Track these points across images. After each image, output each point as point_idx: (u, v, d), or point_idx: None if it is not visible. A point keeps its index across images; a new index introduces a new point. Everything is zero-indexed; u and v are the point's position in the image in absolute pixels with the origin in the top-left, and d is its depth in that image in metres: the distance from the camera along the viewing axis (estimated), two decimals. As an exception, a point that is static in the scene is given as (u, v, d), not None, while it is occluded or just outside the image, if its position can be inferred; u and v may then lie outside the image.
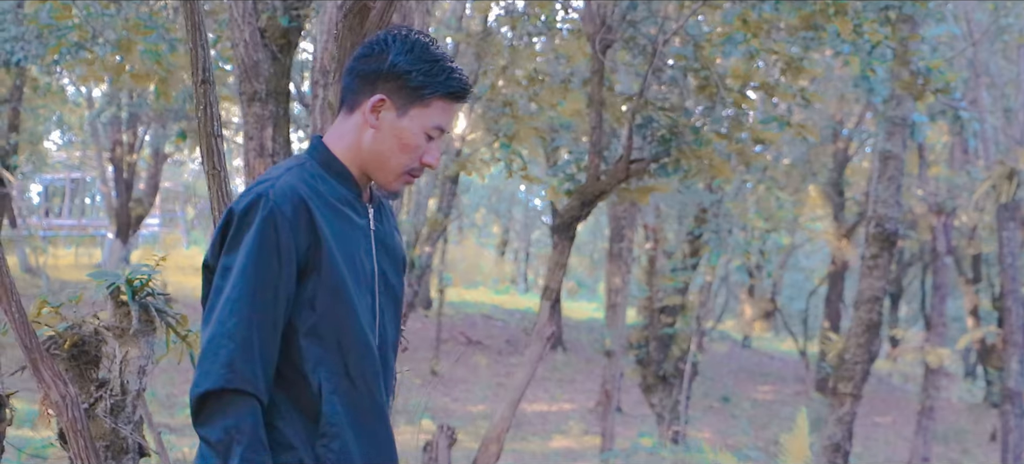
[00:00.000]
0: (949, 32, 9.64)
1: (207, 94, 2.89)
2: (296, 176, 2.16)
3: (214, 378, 2.05)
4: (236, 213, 2.12)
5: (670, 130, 6.37)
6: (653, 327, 14.96)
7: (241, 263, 2.08)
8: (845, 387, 7.13)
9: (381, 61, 2.19)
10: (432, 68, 2.18)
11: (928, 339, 14.21)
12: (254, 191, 2.13)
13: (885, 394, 22.31)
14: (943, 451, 17.07)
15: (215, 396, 2.05)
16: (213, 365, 2.06)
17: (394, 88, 2.19)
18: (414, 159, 2.22)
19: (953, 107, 7.78)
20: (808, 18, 6.49)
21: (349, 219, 2.21)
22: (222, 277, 2.11)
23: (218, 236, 2.16)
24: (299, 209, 2.11)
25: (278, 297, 2.10)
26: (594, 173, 6.49)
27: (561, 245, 6.66)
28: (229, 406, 2.05)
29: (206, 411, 2.06)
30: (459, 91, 2.23)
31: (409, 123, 2.19)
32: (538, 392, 18.54)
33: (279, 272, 2.09)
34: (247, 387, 2.06)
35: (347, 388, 2.16)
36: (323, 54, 5.57)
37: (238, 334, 2.06)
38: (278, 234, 2.09)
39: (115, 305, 3.33)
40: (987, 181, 11.17)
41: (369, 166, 2.23)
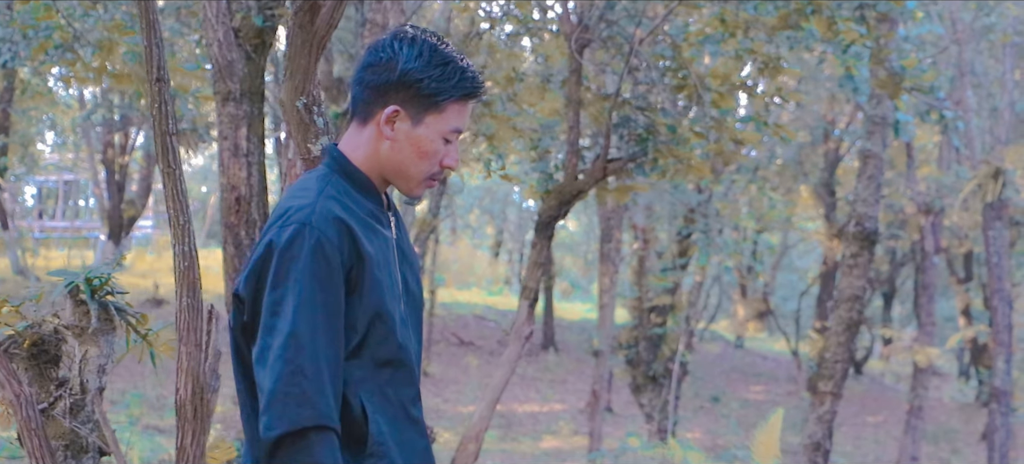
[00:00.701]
0: (932, 32, 9.65)
1: (162, 93, 2.89)
2: (329, 198, 2.11)
3: (290, 418, 1.98)
4: (278, 246, 2.05)
5: (647, 130, 6.37)
6: (643, 327, 14.97)
7: (296, 297, 2.02)
8: (825, 386, 7.14)
9: (391, 70, 2.14)
10: (444, 73, 2.14)
11: (917, 339, 14.22)
12: (293, 220, 2.07)
13: (877, 394, 22.32)
14: (933, 451, 17.08)
15: (295, 437, 1.98)
16: (286, 405, 1.98)
17: (407, 97, 2.15)
18: (434, 164, 2.20)
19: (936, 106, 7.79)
20: (786, 17, 6.50)
21: (381, 235, 2.18)
22: (273, 314, 2.03)
23: (255, 269, 2.08)
24: (343, 233, 2.07)
25: (338, 326, 2.06)
26: (572, 173, 6.50)
27: (540, 244, 6.67)
28: (312, 445, 1.99)
29: (283, 453, 1.99)
30: (474, 91, 2.19)
31: (425, 130, 2.16)
32: (529, 393, 18.55)
33: (335, 300, 2.05)
34: (325, 421, 2.01)
35: (386, 406, 2.14)
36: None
37: (307, 368, 2.00)
38: (329, 262, 2.04)
39: (74, 304, 3.33)
40: (973, 180, 11.19)
41: (389, 176, 2.20)
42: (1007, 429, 10.94)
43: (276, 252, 2.05)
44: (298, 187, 2.17)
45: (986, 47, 11.89)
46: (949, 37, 11.11)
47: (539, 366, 20.04)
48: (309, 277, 2.02)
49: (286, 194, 2.18)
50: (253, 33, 5.55)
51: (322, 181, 2.16)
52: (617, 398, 18.05)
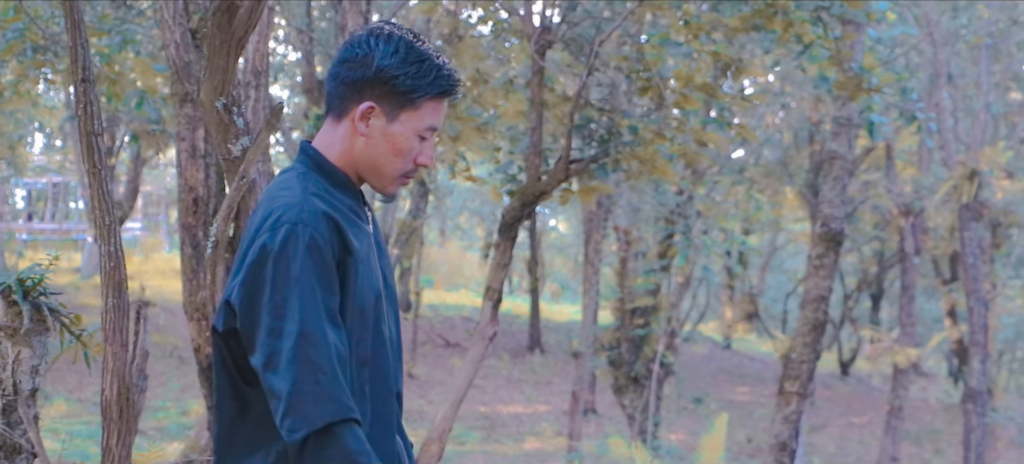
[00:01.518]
0: (906, 34, 9.67)
1: (87, 93, 2.90)
2: (313, 194, 2.11)
3: (316, 416, 1.99)
4: (272, 250, 2.04)
5: (608, 131, 6.39)
6: (625, 328, 14.97)
7: (300, 297, 2.02)
8: (791, 386, 7.16)
9: (366, 66, 2.14)
10: (419, 70, 2.14)
11: (897, 339, 14.25)
12: (283, 221, 2.06)
13: (863, 395, 22.36)
14: (916, 451, 17.11)
15: (321, 434, 1.99)
16: (309, 403, 1.99)
17: (382, 94, 2.14)
18: (408, 161, 2.19)
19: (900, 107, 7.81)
20: (748, 19, 6.52)
21: (362, 230, 2.19)
22: (277, 318, 2.02)
23: (250, 275, 2.06)
24: (333, 229, 2.08)
25: (338, 320, 2.06)
26: (535, 174, 6.51)
27: (503, 246, 6.68)
28: (341, 438, 2.00)
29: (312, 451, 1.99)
30: (449, 89, 2.18)
31: (400, 128, 2.15)
32: (514, 394, 18.56)
33: (332, 296, 2.06)
34: (350, 414, 2.02)
35: (363, 405, 2.14)
36: (255, 55, 5.60)
37: (325, 365, 2.01)
38: (324, 258, 2.05)
39: (6, 305, 3.33)
40: (949, 181, 11.22)
41: (363, 173, 2.20)
42: (983, 429, 10.96)
43: (271, 256, 2.04)
44: (278, 186, 2.16)
45: (963, 49, 11.92)
46: (925, 39, 11.14)
47: (524, 368, 20.06)
48: (309, 276, 2.03)
49: (265, 194, 2.18)
50: (211, 35, 5.56)
51: (303, 179, 2.15)
52: (602, 399, 18.06)
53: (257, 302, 2.04)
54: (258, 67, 5.44)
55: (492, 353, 20.84)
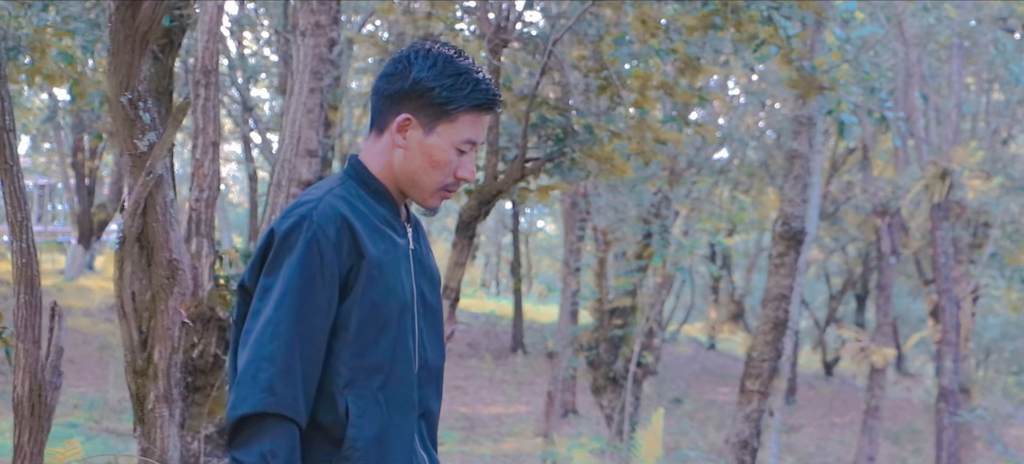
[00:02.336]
0: (875, 33, 9.70)
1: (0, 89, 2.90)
2: (337, 196, 2.13)
3: (253, 401, 2.00)
4: (278, 234, 2.09)
5: (564, 130, 6.40)
6: (603, 329, 14.99)
7: (283, 286, 2.05)
8: (753, 384, 7.17)
9: (404, 79, 2.16)
10: (456, 82, 2.15)
11: (874, 339, 14.28)
12: (296, 212, 2.10)
13: (846, 395, 22.39)
14: (896, 451, 17.14)
15: (254, 420, 2.01)
16: (252, 389, 2.01)
17: (419, 106, 2.16)
18: (447, 175, 2.19)
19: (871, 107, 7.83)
20: (706, 18, 6.53)
21: (390, 239, 2.18)
22: (261, 299, 2.07)
23: (258, 257, 2.12)
24: (342, 231, 2.09)
25: (321, 321, 2.07)
26: (491, 173, 6.52)
27: (461, 244, 6.68)
28: (267, 431, 2.01)
29: (243, 435, 2.01)
30: (487, 103, 2.18)
31: (437, 140, 2.16)
32: (496, 395, 18.57)
33: (322, 296, 2.06)
34: (287, 411, 2.02)
35: (374, 411, 2.13)
36: (204, 54, 5.60)
37: (279, 357, 2.02)
38: (322, 257, 2.06)
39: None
40: (921, 181, 11.24)
41: (403, 185, 2.21)
42: (954, 428, 10.99)
43: (275, 241, 2.09)
44: (313, 187, 2.21)
45: (935, 49, 11.94)
46: (897, 39, 11.17)
47: (507, 369, 20.07)
48: (299, 269, 2.05)
49: (303, 192, 2.23)
50: (160, 33, 5.56)
51: (335, 183, 2.19)
52: (583, 400, 18.07)
53: (256, 282, 2.11)
54: (208, 66, 5.42)
55: (474, 354, 20.84)
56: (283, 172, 5.62)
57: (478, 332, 22.34)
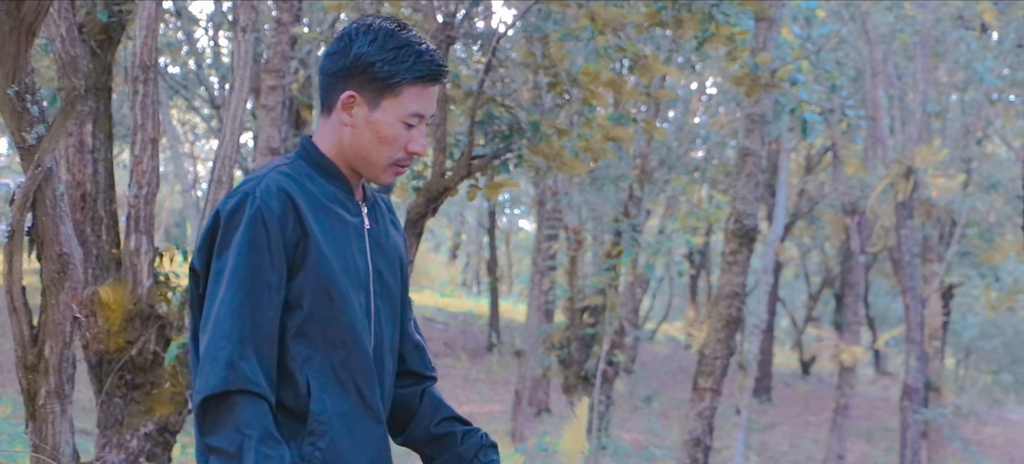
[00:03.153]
0: (835, 31, 9.71)
1: None
2: (280, 173, 2.13)
3: (215, 381, 2.00)
4: (223, 215, 2.09)
5: (510, 127, 6.39)
6: (574, 328, 14.99)
7: (233, 264, 2.05)
8: (705, 382, 7.17)
9: (346, 56, 2.14)
10: (397, 55, 2.12)
11: (843, 338, 14.31)
12: (240, 191, 2.10)
13: (823, 394, 22.42)
14: (868, 450, 17.18)
15: (219, 399, 2.00)
16: (214, 369, 2.01)
17: (362, 82, 2.14)
18: (397, 150, 2.18)
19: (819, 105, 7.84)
20: (655, 15, 6.53)
21: (339, 217, 2.17)
22: (215, 281, 2.06)
23: (205, 239, 2.11)
24: (286, 205, 2.08)
25: (272, 297, 2.07)
26: (439, 170, 6.51)
27: (409, 241, 6.66)
28: (235, 407, 2.00)
29: (211, 417, 2.01)
30: (430, 74, 2.16)
31: (383, 115, 2.15)
32: (470, 394, 18.56)
33: (272, 269, 2.06)
34: (251, 387, 2.01)
35: (336, 387, 2.12)
36: (142, 49, 5.57)
37: (235, 335, 2.02)
38: (268, 231, 2.06)
39: None
40: (885, 179, 11.27)
41: (354, 163, 2.20)
42: (918, 426, 11.01)
43: (222, 222, 2.08)
44: (260, 167, 2.21)
45: (901, 48, 11.96)
46: (861, 38, 11.19)
47: (482, 367, 20.05)
48: (246, 245, 2.05)
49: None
50: (98, 28, 5.53)
51: (285, 162, 2.19)
52: (558, 399, 18.06)
53: (207, 266, 2.10)
54: (146, 61, 5.40)
55: (451, 353, 20.82)
56: (223, 169, 5.59)
57: (455, 331, 22.33)
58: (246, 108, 5.81)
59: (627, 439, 16.34)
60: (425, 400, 2.43)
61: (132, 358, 5.52)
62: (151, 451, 5.64)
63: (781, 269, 21.59)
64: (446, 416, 2.44)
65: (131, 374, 5.55)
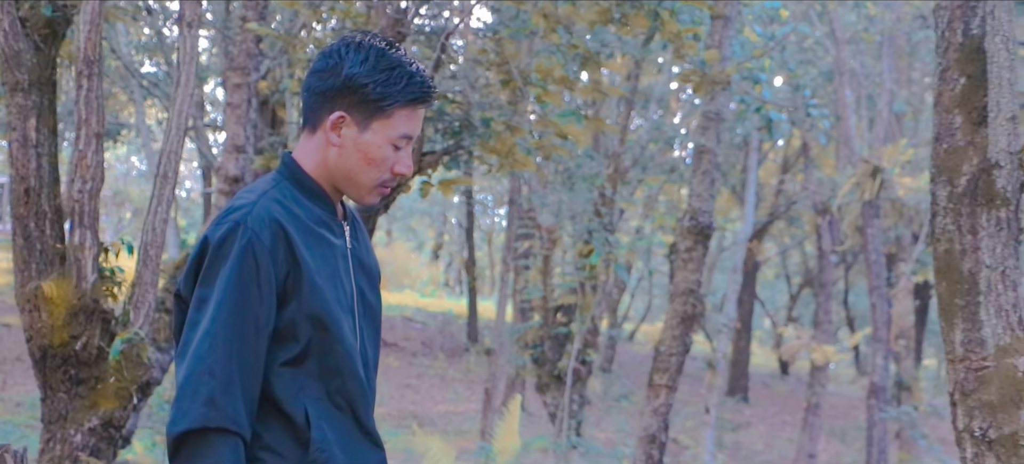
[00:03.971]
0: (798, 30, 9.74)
1: None
2: (271, 200, 2.09)
3: (194, 416, 1.96)
4: (212, 242, 2.04)
5: (461, 123, 6.39)
6: (548, 327, 15.00)
7: (219, 295, 2.01)
8: (660, 378, 7.19)
9: (336, 75, 2.11)
10: (390, 77, 2.10)
11: (814, 337, 14.35)
12: (230, 219, 2.06)
13: (801, 394, 22.46)
14: (842, 449, 17.22)
15: (196, 435, 1.97)
16: (193, 403, 1.97)
17: (353, 103, 2.11)
18: (384, 171, 2.15)
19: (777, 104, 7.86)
20: (605, 13, 6.54)
21: (327, 241, 2.14)
22: (198, 310, 2.02)
23: (193, 265, 2.08)
24: (277, 236, 2.04)
25: (260, 330, 2.03)
26: (390, 166, 6.51)
27: (361, 238, 6.66)
28: (211, 445, 1.97)
29: (186, 451, 1.97)
30: (421, 97, 2.14)
31: (373, 137, 2.12)
32: (446, 393, 18.56)
33: (260, 304, 2.02)
34: (229, 424, 1.98)
35: (334, 414, 2.11)
36: (86, 44, 5.56)
37: (218, 369, 1.98)
38: (258, 264, 2.02)
39: None
40: (852, 179, 11.31)
41: (339, 183, 2.16)
42: (883, 425, 11.05)
43: (210, 249, 2.04)
44: (247, 188, 2.17)
45: (869, 47, 12.01)
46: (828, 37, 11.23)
47: (459, 367, 20.06)
48: (235, 277, 2.00)
49: (236, 195, 2.18)
50: (42, 23, 5.52)
51: (269, 184, 2.14)
52: (533, 398, 18.07)
53: (192, 291, 2.06)
54: (90, 57, 5.40)
55: (428, 353, 20.81)
56: (169, 164, 5.59)
57: (433, 330, 22.32)
58: (192, 103, 5.81)
59: (601, 438, 16.37)
60: None
61: (76, 353, 5.51)
62: (95, 446, 5.63)
63: (759, 269, 21.64)
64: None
65: (75, 369, 5.54)
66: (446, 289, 30.61)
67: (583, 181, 13.02)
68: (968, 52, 3.30)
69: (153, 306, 5.71)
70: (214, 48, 17.54)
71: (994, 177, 3.25)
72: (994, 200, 3.25)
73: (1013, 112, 3.24)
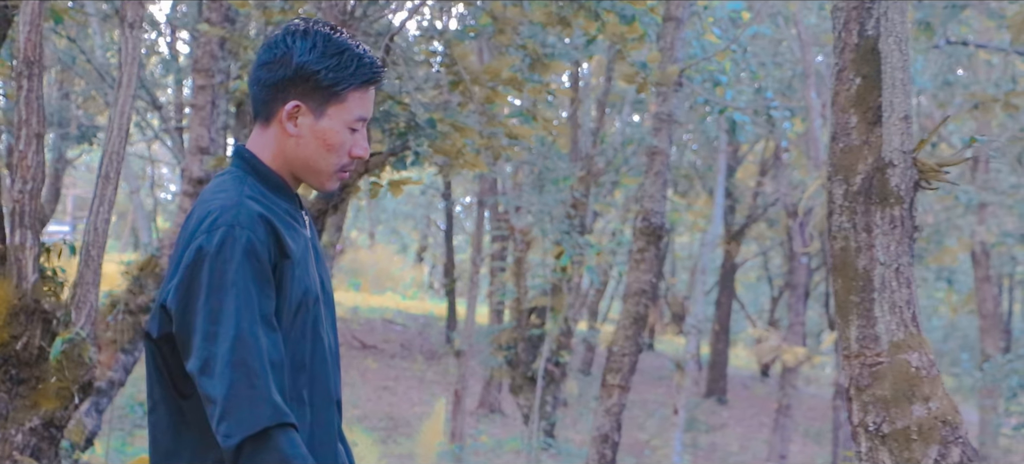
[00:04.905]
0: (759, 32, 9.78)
1: None
2: (250, 197, 2.09)
3: (252, 421, 1.97)
4: (209, 252, 2.02)
5: (407, 124, 6.42)
6: (521, 328, 15.04)
7: (236, 300, 2.00)
8: (613, 379, 7.22)
9: (286, 66, 2.11)
10: (340, 61, 2.11)
11: (785, 338, 14.39)
12: (219, 224, 2.04)
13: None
14: (817, 450, 17.27)
15: (258, 438, 1.97)
16: (244, 408, 1.97)
17: (306, 91, 2.12)
18: (342, 156, 2.16)
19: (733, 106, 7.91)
20: (551, 15, 6.58)
21: (298, 232, 2.16)
22: (213, 321, 2.00)
23: (186, 277, 2.04)
24: (269, 232, 2.05)
25: (273, 324, 2.04)
26: (338, 167, 6.53)
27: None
28: (278, 442, 1.98)
29: (248, 456, 1.97)
30: (372, 77, 2.16)
31: (330, 123, 2.13)
32: (423, 395, 18.57)
33: (269, 300, 2.04)
34: (285, 418, 1.99)
35: (301, 411, 2.11)
36: (26, 45, 5.58)
37: (258, 369, 1.98)
38: (260, 261, 2.03)
39: None
40: (817, 180, 11.34)
41: (299, 173, 2.17)
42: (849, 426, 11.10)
43: (208, 258, 2.02)
44: (213, 190, 2.14)
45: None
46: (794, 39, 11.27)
47: (438, 369, 20.07)
48: (245, 279, 2.01)
49: (200, 198, 2.16)
50: (-18, 24, 5.54)
51: (239, 182, 2.13)
52: (509, 399, 18.10)
53: (193, 306, 2.02)
54: (30, 57, 5.41)
55: (408, 355, 20.83)
56: (111, 164, 5.61)
57: (413, 333, 22.33)
58: (133, 104, 5.82)
59: (576, 440, 16.40)
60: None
61: (16, 353, 5.52)
62: (36, 446, 5.65)
63: (737, 270, 21.68)
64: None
65: (16, 369, 5.55)
66: (431, 292, 30.63)
67: (553, 183, 13.07)
68: (863, 53, 3.35)
69: (95, 306, 5.72)
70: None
71: (888, 176, 3.29)
72: (888, 198, 3.29)
73: (906, 112, 3.29)
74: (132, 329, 9.46)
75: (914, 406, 3.24)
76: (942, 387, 3.29)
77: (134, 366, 9.56)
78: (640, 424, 17.34)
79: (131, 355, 9.52)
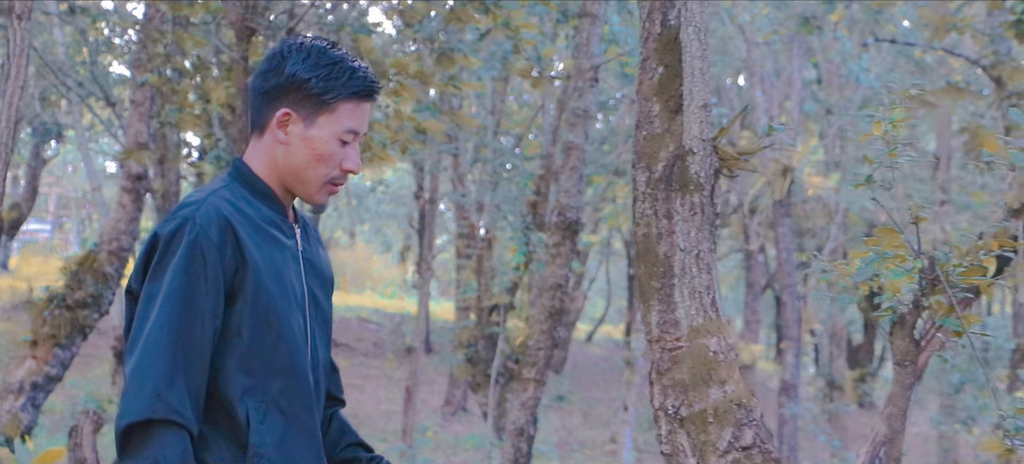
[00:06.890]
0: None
1: None
2: (221, 198, 2.12)
3: (139, 409, 1.98)
4: (162, 238, 2.07)
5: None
6: (481, 326, 15.07)
7: (167, 290, 2.03)
8: (529, 373, 7.27)
9: (279, 74, 2.16)
10: (331, 71, 2.15)
11: (742, 336, 14.44)
12: (179, 215, 2.08)
13: (761, 396, 22.54)
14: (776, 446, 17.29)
15: (141, 427, 1.98)
16: (139, 396, 1.98)
17: (296, 99, 2.16)
18: (333, 168, 2.19)
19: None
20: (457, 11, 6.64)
21: (276, 240, 2.17)
22: (147, 304, 2.04)
23: (142, 261, 2.10)
24: (225, 232, 2.07)
25: (206, 325, 2.05)
26: (243, 160, 6.58)
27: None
28: (156, 437, 1.98)
29: (132, 444, 1.98)
30: (364, 90, 2.19)
31: (319, 132, 2.16)
32: (392, 394, 18.61)
33: (206, 299, 2.04)
34: (175, 417, 1.99)
35: (276, 416, 2.12)
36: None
37: (163, 363, 2.00)
38: (205, 259, 2.04)
39: None
40: (763, 178, 11.39)
41: (288, 182, 2.20)
42: (794, 422, 11.13)
43: (159, 245, 2.07)
44: (198, 189, 2.20)
45: (781, 48, 12.12)
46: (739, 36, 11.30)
47: (408, 368, 20.08)
48: (182, 272, 2.03)
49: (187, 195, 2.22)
50: None
51: (219, 184, 2.18)
52: (474, 397, 18.13)
53: (140, 286, 2.09)
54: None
55: (381, 354, 20.87)
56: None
57: (387, 332, 22.39)
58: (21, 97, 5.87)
59: (542, 436, 16.43)
60: (334, 423, 2.45)
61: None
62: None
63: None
64: (352, 441, 2.46)
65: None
66: (412, 290, 30.70)
67: (508, 182, 13.11)
68: (666, 42, 3.39)
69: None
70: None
71: (688, 163, 3.33)
72: (688, 186, 3.33)
73: (705, 101, 3.33)
74: (69, 324, 9.52)
75: (711, 389, 3.28)
76: (739, 371, 3.33)
77: (71, 361, 9.62)
78: (603, 422, 17.38)
79: (68, 350, 9.58)
